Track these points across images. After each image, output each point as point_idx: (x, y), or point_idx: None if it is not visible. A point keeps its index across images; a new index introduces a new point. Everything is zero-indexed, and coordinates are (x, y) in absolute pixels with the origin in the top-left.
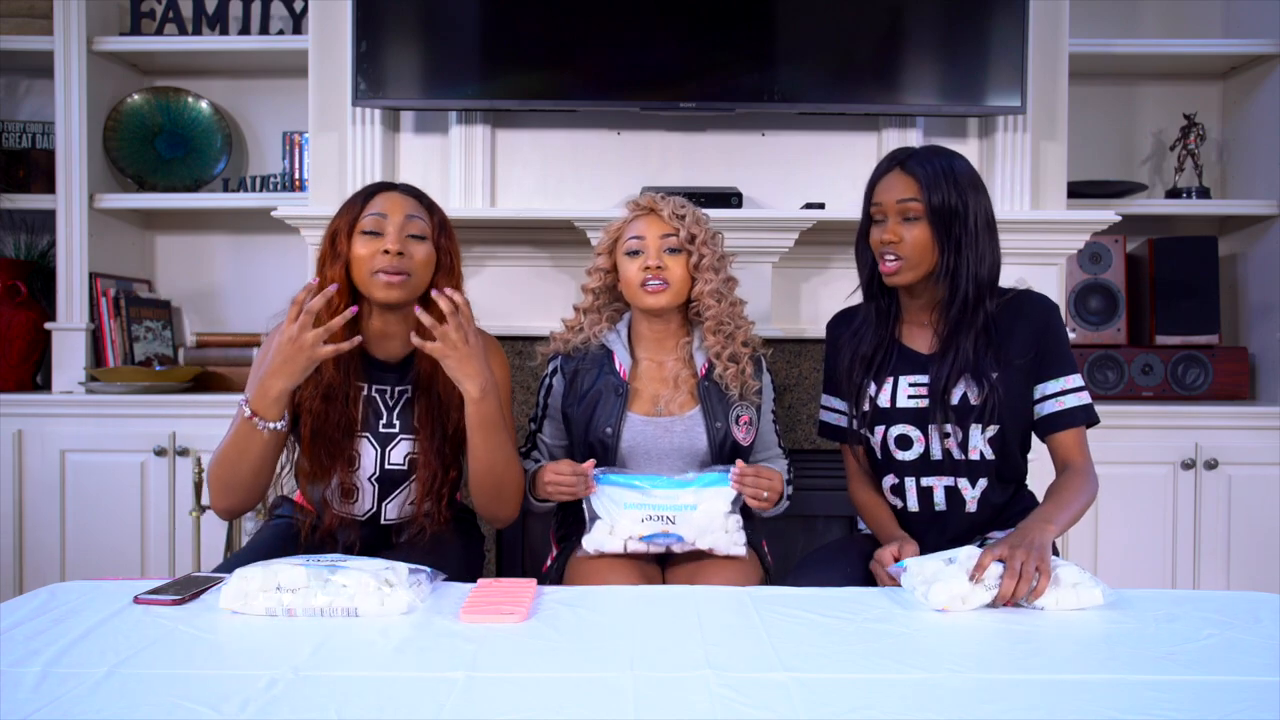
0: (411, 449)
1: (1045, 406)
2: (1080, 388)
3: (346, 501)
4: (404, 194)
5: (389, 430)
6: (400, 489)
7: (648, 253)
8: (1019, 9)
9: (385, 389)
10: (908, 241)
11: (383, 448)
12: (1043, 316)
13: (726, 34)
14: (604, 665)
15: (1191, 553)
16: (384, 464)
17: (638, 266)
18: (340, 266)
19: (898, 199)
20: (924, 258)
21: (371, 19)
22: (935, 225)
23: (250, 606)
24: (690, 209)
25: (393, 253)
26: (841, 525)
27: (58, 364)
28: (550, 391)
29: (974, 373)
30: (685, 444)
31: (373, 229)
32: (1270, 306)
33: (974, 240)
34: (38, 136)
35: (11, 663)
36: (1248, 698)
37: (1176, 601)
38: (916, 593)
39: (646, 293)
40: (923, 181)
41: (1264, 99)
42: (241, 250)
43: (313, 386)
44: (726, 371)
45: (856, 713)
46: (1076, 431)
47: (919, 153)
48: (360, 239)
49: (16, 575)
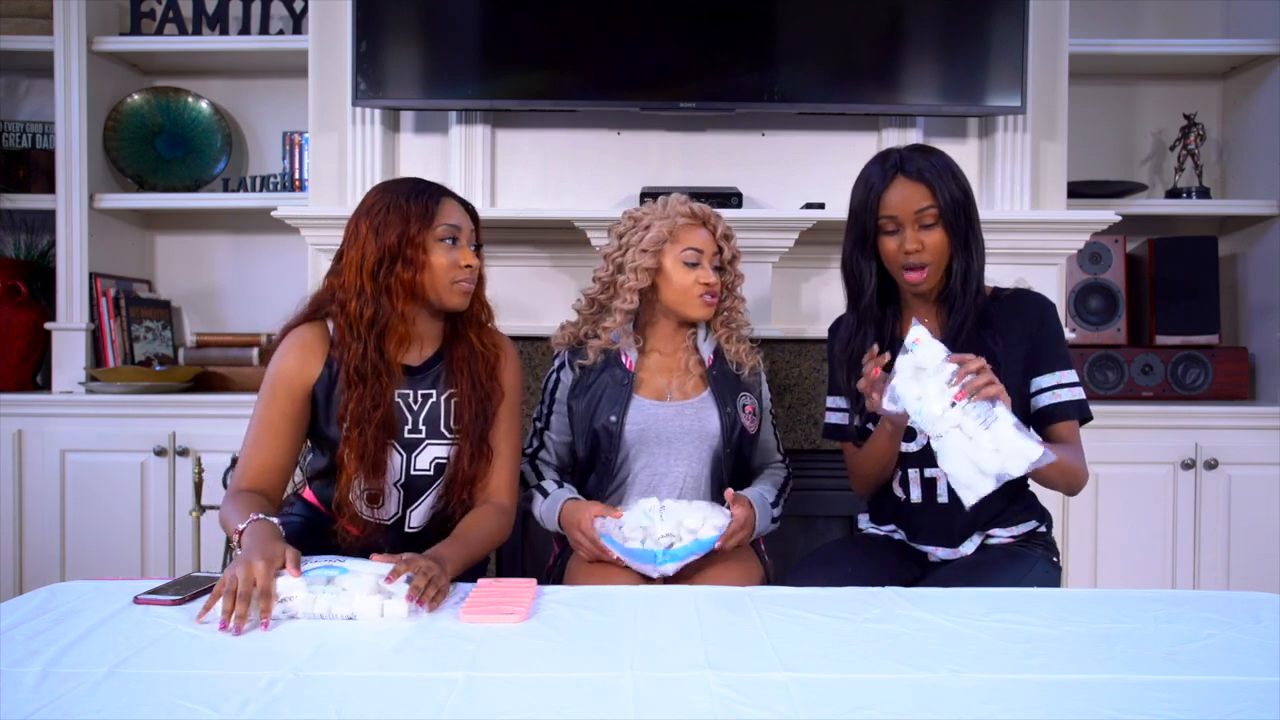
0: (439, 454)
1: (1040, 400)
2: (1075, 383)
3: (372, 507)
4: (461, 204)
5: (415, 436)
6: (425, 495)
7: (704, 266)
8: (1019, 9)
9: (408, 393)
10: (929, 247)
11: (408, 453)
12: (1040, 312)
13: (726, 34)
14: (604, 665)
15: (1191, 553)
16: (410, 470)
17: (695, 278)
18: (415, 273)
19: (916, 208)
20: (942, 260)
21: (371, 19)
22: (949, 226)
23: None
24: (732, 232)
25: (476, 266)
26: (841, 525)
27: (58, 364)
28: (559, 385)
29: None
30: (696, 426)
31: (452, 237)
32: (1270, 306)
33: (976, 233)
34: (38, 136)
35: (11, 663)
36: (1248, 698)
37: (1176, 601)
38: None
39: (703, 304)
40: (934, 185)
41: (1264, 99)
42: (241, 250)
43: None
44: (741, 347)
45: (856, 713)
46: (1071, 425)
47: (911, 155)
48: (439, 248)
49: (16, 575)
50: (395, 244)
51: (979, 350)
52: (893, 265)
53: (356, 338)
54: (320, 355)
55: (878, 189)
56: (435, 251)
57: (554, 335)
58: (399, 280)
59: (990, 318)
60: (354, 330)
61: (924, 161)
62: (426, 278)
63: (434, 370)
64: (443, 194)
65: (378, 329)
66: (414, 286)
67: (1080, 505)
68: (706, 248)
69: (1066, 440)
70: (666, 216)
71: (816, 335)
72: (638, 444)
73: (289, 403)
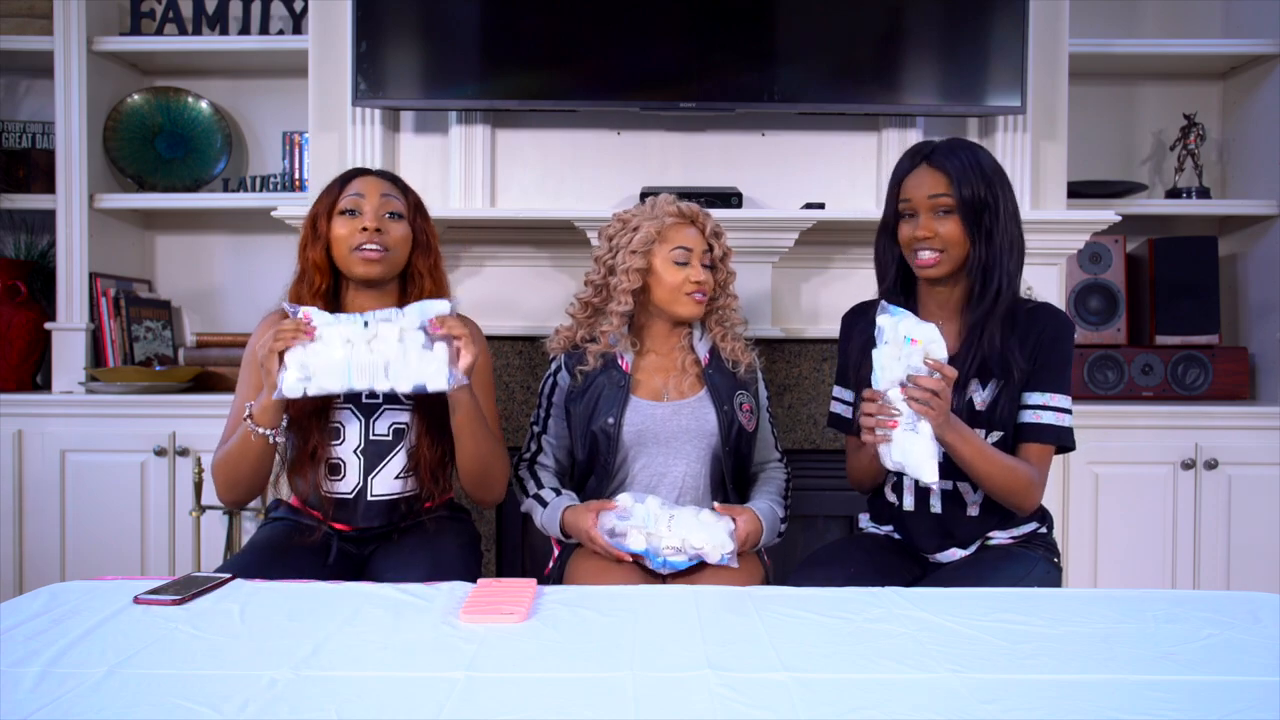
0: (397, 419)
1: (1023, 415)
2: (1064, 409)
3: (332, 477)
4: (379, 177)
5: (372, 401)
6: (387, 460)
7: (693, 265)
8: (1019, 9)
9: None
10: (941, 235)
11: (367, 418)
12: (1055, 330)
13: (726, 34)
14: (604, 665)
15: (1191, 553)
16: (369, 434)
17: (684, 277)
18: (321, 248)
19: (929, 194)
20: (958, 250)
21: (371, 19)
22: (966, 218)
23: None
24: (722, 229)
25: (371, 229)
26: (841, 525)
27: (58, 364)
28: (555, 388)
29: (998, 368)
30: (694, 425)
31: (351, 208)
32: (1270, 306)
33: (1005, 231)
34: (38, 136)
35: (11, 663)
36: (1248, 698)
37: (1176, 601)
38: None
39: (692, 302)
40: (953, 175)
41: (1264, 99)
42: (241, 250)
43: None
44: (736, 345)
45: (856, 713)
46: (1042, 449)
47: (943, 146)
48: (339, 219)
49: (16, 575)
50: (311, 224)
51: (1003, 345)
52: (906, 250)
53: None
54: None
55: (900, 174)
56: (336, 223)
57: (549, 340)
58: (310, 256)
59: (1012, 323)
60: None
61: (953, 154)
62: (334, 250)
63: None
64: (358, 173)
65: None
66: (322, 262)
67: (1080, 505)
68: (696, 246)
69: (1032, 459)
70: (655, 217)
71: (816, 335)
72: (636, 445)
73: (261, 379)
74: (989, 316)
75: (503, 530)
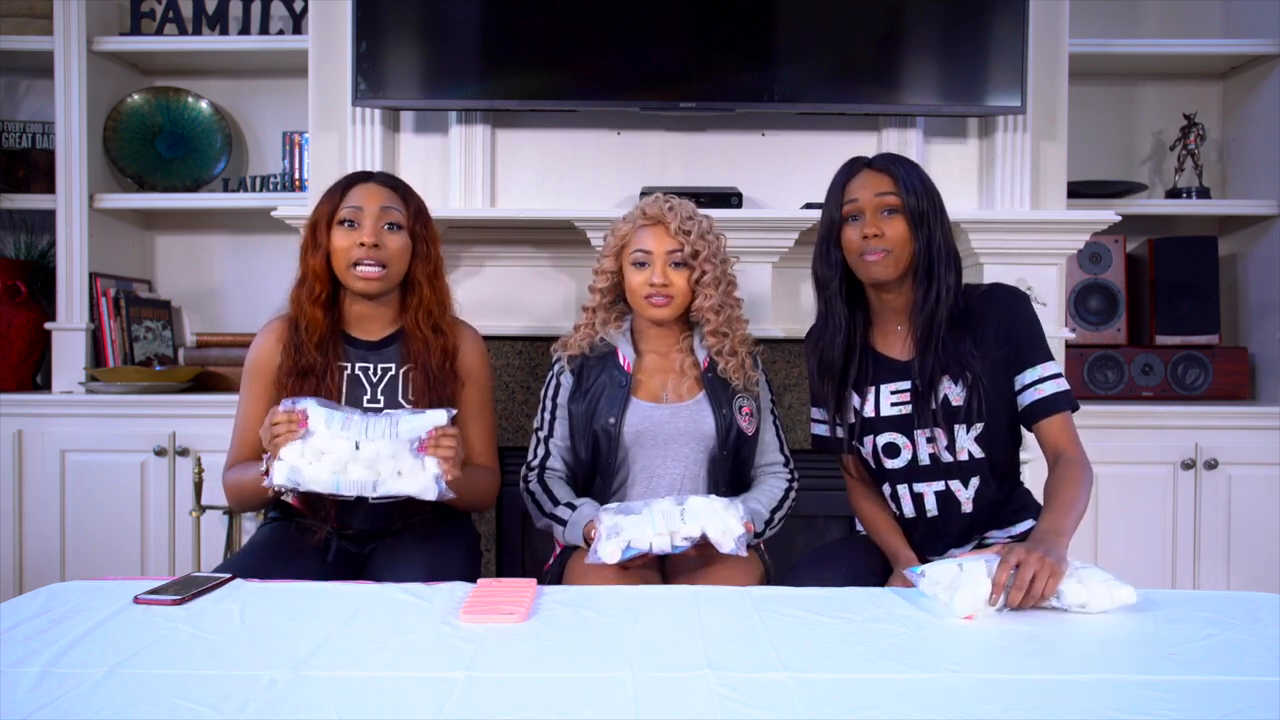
0: None
1: (1026, 396)
2: (1057, 374)
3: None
4: (380, 184)
5: (374, 406)
6: None
7: (653, 267)
8: (1019, 9)
9: (368, 366)
10: (888, 235)
11: None
12: (1012, 306)
13: (726, 34)
14: (604, 665)
15: (1191, 553)
16: None
17: (643, 280)
18: (321, 256)
19: (876, 192)
20: (904, 250)
21: (371, 19)
22: (911, 218)
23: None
24: (697, 221)
25: (368, 245)
26: (841, 525)
27: (58, 364)
28: (559, 390)
29: (956, 368)
30: (693, 428)
31: (349, 219)
32: (1270, 306)
33: (944, 234)
34: (38, 136)
35: (11, 663)
36: (1248, 698)
37: (1176, 601)
38: (939, 601)
39: (651, 305)
40: (899, 177)
41: (1264, 99)
42: (241, 250)
43: (290, 365)
44: (729, 365)
45: (856, 713)
46: (1062, 418)
47: (883, 155)
48: (338, 230)
49: (16, 575)
50: (311, 230)
51: (957, 347)
52: (853, 255)
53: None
54: (285, 343)
55: (841, 180)
56: (335, 234)
57: (568, 338)
58: (310, 263)
59: (963, 317)
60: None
61: (893, 160)
62: (333, 261)
63: (392, 347)
64: (359, 179)
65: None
66: (322, 271)
67: None
68: (657, 247)
69: (1059, 436)
70: (629, 219)
71: None
72: (635, 445)
73: (262, 388)
74: (936, 320)
75: (503, 530)
